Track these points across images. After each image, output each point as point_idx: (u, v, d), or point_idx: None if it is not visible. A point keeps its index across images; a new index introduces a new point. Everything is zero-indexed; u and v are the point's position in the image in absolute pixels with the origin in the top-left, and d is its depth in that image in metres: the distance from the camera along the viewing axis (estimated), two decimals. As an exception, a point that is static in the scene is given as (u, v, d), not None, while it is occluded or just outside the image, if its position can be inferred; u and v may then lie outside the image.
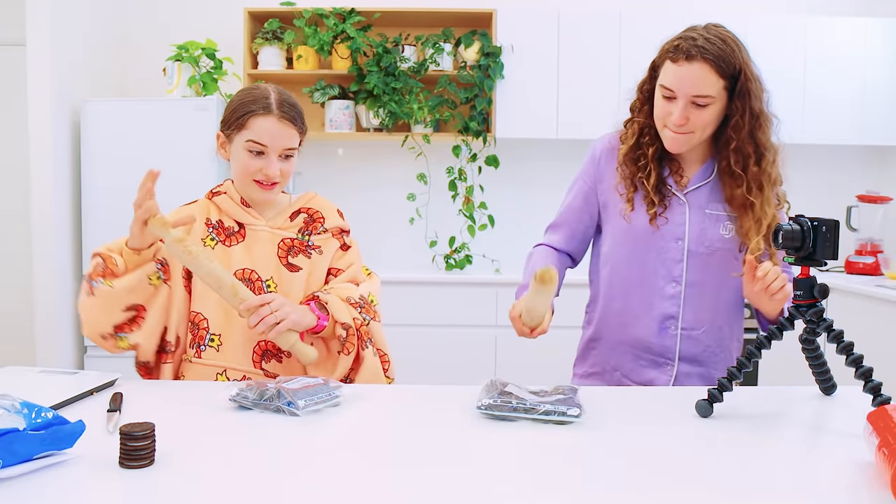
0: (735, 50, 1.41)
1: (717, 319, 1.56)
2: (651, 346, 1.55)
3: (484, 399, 1.16)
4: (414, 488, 0.88)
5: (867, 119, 3.69)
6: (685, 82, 1.40)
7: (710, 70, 1.38)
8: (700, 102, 1.40)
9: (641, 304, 1.55)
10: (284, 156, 1.46)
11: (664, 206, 1.51)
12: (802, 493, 0.90)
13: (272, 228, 1.51)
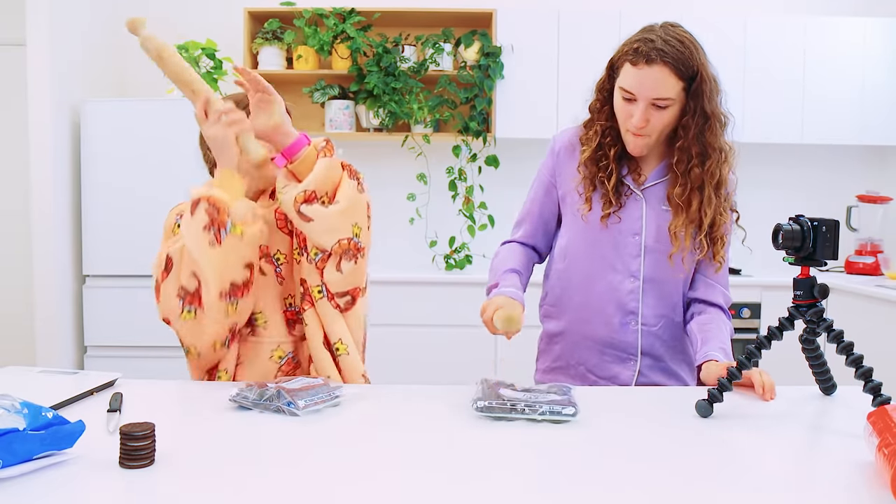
0: (693, 51, 1.41)
1: (675, 315, 1.57)
2: (613, 341, 1.56)
3: (480, 400, 1.16)
4: (414, 488, 0.88)
5: (867, 119, 3.69)
6: (645, 86, 1.40)
7: (669, 73, 1.39)
8: (660, 104, 1.41)
9: (601, 299, 1.56)
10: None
11: (620, 205, 1.52)
12: (802, 493, 0.90)
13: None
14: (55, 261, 3.26)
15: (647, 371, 1.56)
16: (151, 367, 3.22)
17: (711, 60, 1.47)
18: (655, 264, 1.53)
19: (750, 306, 3.41)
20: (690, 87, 1.41)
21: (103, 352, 3.37)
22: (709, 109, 1.43)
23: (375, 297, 3.42)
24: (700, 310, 1.55)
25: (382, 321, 3.41)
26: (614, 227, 1.53)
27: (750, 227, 1.92)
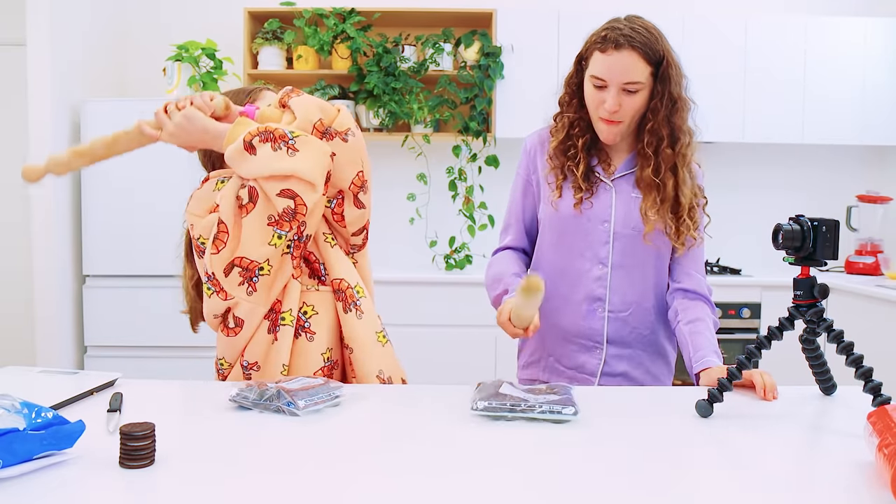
0: (658, 38, 1.47)
1: (645, 301, 1.58)
2: (580, 329, 1.59)
3: (480, 401, 1.16)
4: (415, 488, 0.88)
5: (867, 119, 3.69)
6: (615, 70, 1.44)
7: (638, 57, 1.44)
8: (630, 89, 1.45)
9: (569, 287, 1.59)
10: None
11: (591, 192, 1.55)
12: (802, 493, 0.90)
13: None
14: (55, 261, 3.27)
15: (612, 360, 1.58)
16: (151, 367, 3.22)
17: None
18: (624, 250, 1.55)
19: (750, 306, 3.41)
20: (658, 71, 1.46)
21: (103, 352, 3.37)
22: (675, 93, 1.47)
23: (376, 297, 3.41)
24: (685, 305, 1.54)
25: (382, 321, 3.41)
26: (584, 216, 1.55)
27: (750, 226, 1.93)
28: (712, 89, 3.52)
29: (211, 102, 1.37)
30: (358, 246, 1.50)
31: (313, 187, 1.30)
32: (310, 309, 1.41)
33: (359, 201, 1.41)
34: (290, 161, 1.29)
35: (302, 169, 1.28)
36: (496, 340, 3.42)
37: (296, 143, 1.30)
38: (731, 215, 3.83)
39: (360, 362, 1.45)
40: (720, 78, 3.55)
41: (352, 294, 1.44)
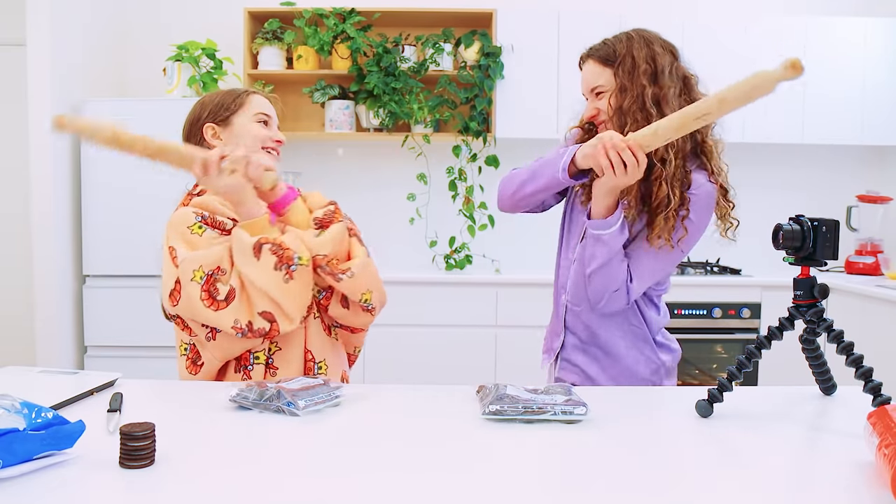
0: (623, 41, 1.57)
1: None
2: (557, 313, 1.71)
3: (491, 404, 1.15)
4: (416, 489, 0.88)
5: (867, 119, 3.69)
6: (584, 83, 1.63)
7: (595, 64, 1.59)
8: (597, 91, 1.58)
9: (557, 273, 1.71)
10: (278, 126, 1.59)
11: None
12: (802, 493, 0.90)
13: None
14: (55, 261, 3.27)
15: (569, 347, 1.66)
16: (151, 367, 3.22)
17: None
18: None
19: (750, 306, 3.41)
20: (619, 69, 1.54)
21: (103, 352, 3.37)
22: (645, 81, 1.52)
23: (375, 297, 3.42)
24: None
25: (382, 321, 3.37)
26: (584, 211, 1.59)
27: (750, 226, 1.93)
28: (712, 89, 3.51)
29: (262, 175, 1.38)
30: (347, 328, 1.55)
31: (290, 321, 1.36)
32: (273, 345, 1.44)
33: (346, 302, 1.47)
34: (281, 289, 1.34)
35: (286, 303, 1.35)
36: (496, 340, 3.43)
37: (297, 271, 1.36)
38: (731, 215, 3.83)
39: None
40: (720, 78, 3.54)
41: (311, 367, 1.48)
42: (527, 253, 3.93)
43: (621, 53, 1.56)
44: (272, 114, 1.56)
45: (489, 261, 3.81)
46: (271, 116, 1.56)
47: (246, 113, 1.51)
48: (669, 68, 1.55)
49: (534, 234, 3.95)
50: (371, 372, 3.37)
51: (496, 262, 3.79)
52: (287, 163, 3.86)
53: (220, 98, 1.54)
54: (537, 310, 3.53)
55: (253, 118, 1.52)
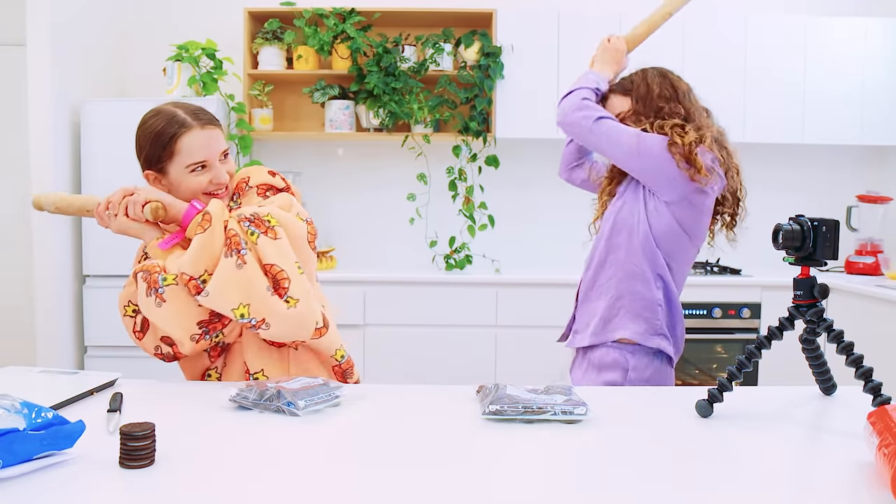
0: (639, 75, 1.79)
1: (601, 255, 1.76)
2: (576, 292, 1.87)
3: (492, 404, 1.15)
4: (416, 489, 0.88)
5: (867, 119, 3.68)
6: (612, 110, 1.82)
7: (618, 96, 1.81)
8: (621, 118, 1.79)
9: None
10: (223, 157, 1.46)
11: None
12: (802, 493, 0.90)
13: None
14: (55, 261, 3.27)
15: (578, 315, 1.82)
16: (151, 367, 3.21)
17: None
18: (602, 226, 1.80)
19: (750, 306, 3.41)
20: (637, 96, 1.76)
21: (103, 352, 3.37)
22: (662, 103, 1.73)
23: (375, 297, 3.42)
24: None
25: (382, 321, 3.41)
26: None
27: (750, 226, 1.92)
28: (712, 89, 3.50)
29: (140, 212, 1.42)
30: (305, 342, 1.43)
31: (181, 344, 1.36)
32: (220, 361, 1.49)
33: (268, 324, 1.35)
34: (157, 314, 1.34)
35: (166, 327, 1.34)
36: (496, 340, 3.43)
37: (165, 292, 1.32)
38: (731, 215, 3.83)
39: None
40: (720, 78, 3.55)
41: (247, 377, 1.43)
42: (527, 253, 3.93)
43: (636, 83, 1.77)
44: (209, 153, 1.42)
45: (489, 261, 3.81)
46: (207, 159, 1.42)
47: (178, 163, 1.42)
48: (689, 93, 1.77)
49: (534, 235, 3.95)
50: (371, 372, 3.37)
51: (496, 262, 3.79)
52: (287, 163, 3.86)
53: (150, 146, 1.46)
54: (537, 310, 3.54)
55: (186, 171, 1.42)
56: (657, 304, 1.69)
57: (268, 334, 1.35)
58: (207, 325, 1.35)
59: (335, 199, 3.93)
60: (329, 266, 3.62)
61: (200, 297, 1.31)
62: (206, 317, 1.35)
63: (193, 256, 1.31)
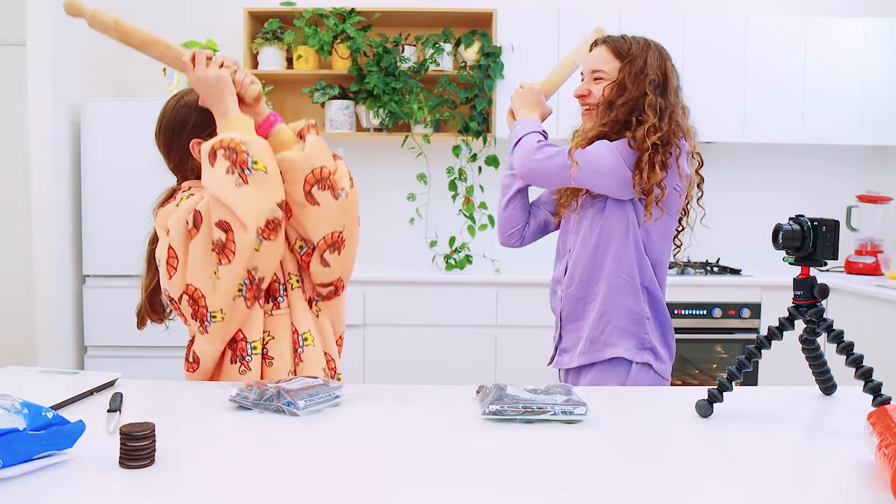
0: (643, 46, 1.64)
1: (585, 271, 1.69)
2: (553, 308, 1.81)
3: (491, 404, 1.15)
4: (416, 489, 0.88)
5: (867, 119, 3.69)
6: (588, 63, 1.70)
7: (606, 51, 1.67)
8: (596, 76, 1.67)
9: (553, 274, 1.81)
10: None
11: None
12: (802, 493, 0.90)
13: None
14: (55, 261, 3.26)
15: (565, 336, 1.75)
16: (151, 367, 3.22)
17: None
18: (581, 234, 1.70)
19: (750, 306, 3.41)
20: (627, 66, 1.63)
21: (103, 352, 3.37)
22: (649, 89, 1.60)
23: (375, 297, 3.42)
24: None
25: (382, 321, 3.41)
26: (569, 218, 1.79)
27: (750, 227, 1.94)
28: (712, 89, 3.52)
29: (248, 84, 1.38)
30: (323, 296, 1.49)
31: (245, 229, 1.28)
32: (266, 335, 1.42)
33: (324, 260, 1.41)
34: (233, 192, 1.28)
35: (238, 206, 1.27)
36: (496, 340, 3.43)
37: (251, 175, 1.28)
38: (730, 215, 3.83)
39: None
40: (720, 78, 3.55)
41: (296, 340, 1.44)
42: (527, 253, 3.91)
43: (634, 54, 1.63)
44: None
45: (489, 261, 3.81)
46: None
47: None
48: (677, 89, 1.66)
49: (534, 234, 3.95)
50: (371, 372, 3.37)
51: (496, 262, 3.79)
52: (287, 163, 3.85)
53: (198, 115, 1.44)
54: (537, 310, 3.53)
55: None
56: (645, 317, 1.65)
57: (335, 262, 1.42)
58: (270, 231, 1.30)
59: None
60: (329, 266, 3.62)
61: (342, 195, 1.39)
62: (277, 215, 1.31)
63: (321, 147, 1.38)
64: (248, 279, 1.32)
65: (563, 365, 1.74)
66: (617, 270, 1.64)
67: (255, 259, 1.31)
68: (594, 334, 1.66)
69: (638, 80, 1.61)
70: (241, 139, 1.30)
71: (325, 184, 1.37)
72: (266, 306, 1.42)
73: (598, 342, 1.66)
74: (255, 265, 1.31)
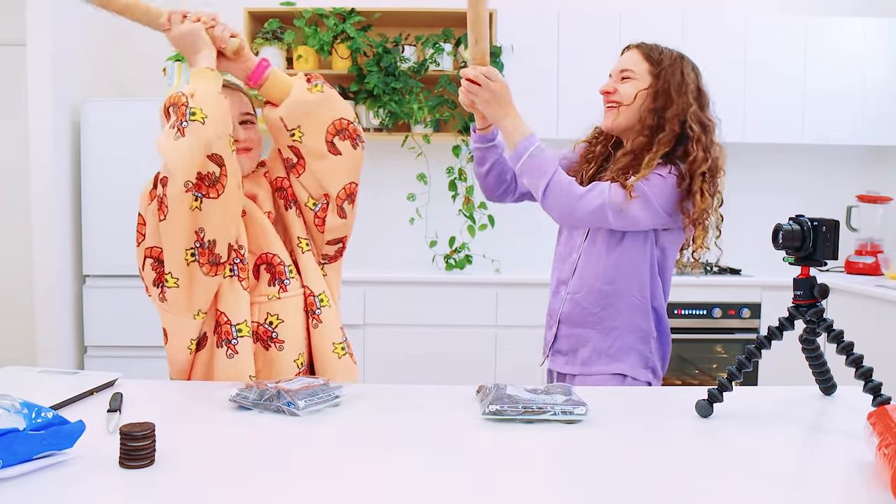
0: (672, 55, 1.63)
1: (598, 282, 1.64)
2: (551, 309, 1.76)
3: (491, 404, 1.15)
4: (415, 489, 0.88)
5: (867, 119, 3.69)
6: (619, 64, 1.67)
7: (637, 53, 1.64)
8: (624, 75, 1.63)
9: (554, 272, 1.77)
10: (245, 122, 1.47)
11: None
12: (802, 493, 0.90)
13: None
14: (55, 261, 3.26)
15: (561, 339, 1.71)
16: (151, 367, 3.22)
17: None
18: (592, 241, 1.65)
19: (750, 306, 3.41)
20: (659, 73, 1.60)
21: (103, 352, 3.37)
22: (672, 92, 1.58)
23: (375, 297, 3.42)
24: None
25: (382, 321, 3.41)
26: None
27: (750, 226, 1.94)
28: (712, 89, 3.51)
29: (227, 38, 1.37)
30: (330, 257, 1.51)
31: (173, 180, 1.26)
32: (274, 318, 1.42)
33: (342, 211, 1.45)
34: (170, 146, 1.27)
35: (170, 158, 1.26)
36: (496, 340, 3.43)
37: (187, 126, 1.26)
38: (730, 215, 3.82)
39: (315, 370, 1.48)
40: (720, 78, 3.54)
41: (312, 302, 1.45)
42: (527, 253, 3.93)
43: (665, 62, 1.61)
44: (256, 114, 1.50)
45: (489, 261, 3.81)
46: (254, 115, 1.49)
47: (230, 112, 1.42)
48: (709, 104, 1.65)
49: (534, 235, 3.94)
50: (371, 372, 3.37)
51: (496, 262, 3.79)
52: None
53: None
54: (537, 310, 3.52)
55: (238, 118, 1.45)
56: (651, 336, 1.64)
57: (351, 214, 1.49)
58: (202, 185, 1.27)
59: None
60: (329, 266, 3.61)
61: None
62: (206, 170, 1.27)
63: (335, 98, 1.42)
64: (198, 242, 1.30)
65: (558, 367, 1.72)
66: (631, 289, 1.61)
67: (198, 219, 1.28)
68: (601, 347, 1.63)
69: (681, 91, 1.58)
70: (188, 91, 1.30)
71: (345, 134, 1.40)
72: (271, 290, 1.42)
73: (605, 356, 1.63)
74: (200, 226, 1.29)
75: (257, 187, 1.47)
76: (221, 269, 1.34)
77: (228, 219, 1.33)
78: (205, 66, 1.34)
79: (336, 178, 1.43)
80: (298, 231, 1.46)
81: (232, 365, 1.37)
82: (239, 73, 1.43)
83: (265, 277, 1.42)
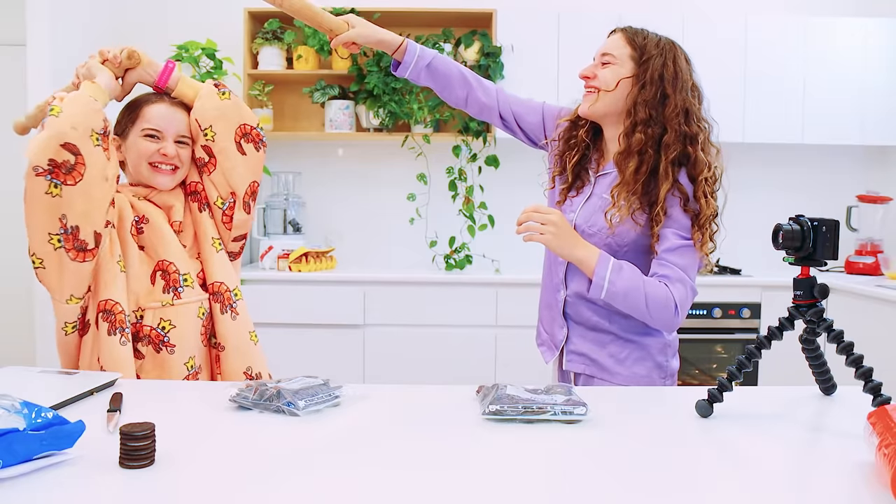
0: (658, 41, 1.56)
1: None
2: (551, 306, 1.72)
3: (491, 404, 1.15)
4: (415, 489, 0.88)
5: (867, 119, 3.69)
6: (601, 48, 1.62)
7: (620, 37, 1.58)
8: (604, 60, 1.58)
9: (548, 270, 1.74)
10: (180, 141, 1.55)
11: (576, 190, 1.65)
12: (802, 493, 0.90)
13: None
14: (55, 261, 3.26)
15: (576, 339, 1.65)
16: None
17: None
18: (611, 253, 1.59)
19: (750, 306, 3.41)
20: (642, 59, 1.54)
21: (103, 352, 3.37)
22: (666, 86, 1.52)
23: (375, 298, 3.42)
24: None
25: (382, 321, 3.41)
26: (562, 208, 1.67)
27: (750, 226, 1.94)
28: (712, 89, 3.50)
29: (122, 58, 1.51)
30: (234, 254, 1.62)
31: (30, 165, 1.41)
32: (167, 324, 1.48)
33: (247, 206, 1.58)
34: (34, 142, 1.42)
35: (28, 147, 1.42)
36: (496, 340, 3.43)
37: (46, 121, 1.41)
38: (730, 215, 3.82)
39: (229, 360, 1.55)
40: (720, 78, 3.55)
41: (229, 297, 1.56)
42: (527, 253, 3.92)
43: (652, 52, 1.54)
44: (166, 127, 1.52)
45: (489, 261, 3.81)
46: (162, 129, 1.52)
47: (136, 128, 1.53)
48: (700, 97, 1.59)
49: (534, 234, 3.95)
50: (371, 372, 3.37)
51: (496, 262, 3.79)
52: (287, 163, 3.86)
53: (121, 113, 1.57)
54: (537, 310, 3.53)
55: (140, 133, 1.52)
56: (667, 344, 1.61)
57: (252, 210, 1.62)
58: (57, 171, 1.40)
59: (335, 199, 3.93)
60: (329, 266, 3.62)
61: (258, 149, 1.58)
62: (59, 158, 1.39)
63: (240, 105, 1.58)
64: (62, 228, 1.41)
65: (575, 368, 1.65)
66: None
67: (60, 205, 1.40)
68: (618, 353, 1.58)
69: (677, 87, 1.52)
70: (57, 95, 1.42)
71: (249, 137, 1.55)
72: (165, 297, 1.49)
73: (623, 364, 1.58)
74: (62, 212, 1.40)
75: (174, 199, 1.56)
76: (90, 255, 1.42)
77: (92, 207, 1.41)
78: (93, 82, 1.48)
79: (242, 177, 1.55)
80: (212, 232, 1.56)
81: (125, 352, 1.43)
82: (149, 80, 1.56)
83: (160, 284, 1.50)
